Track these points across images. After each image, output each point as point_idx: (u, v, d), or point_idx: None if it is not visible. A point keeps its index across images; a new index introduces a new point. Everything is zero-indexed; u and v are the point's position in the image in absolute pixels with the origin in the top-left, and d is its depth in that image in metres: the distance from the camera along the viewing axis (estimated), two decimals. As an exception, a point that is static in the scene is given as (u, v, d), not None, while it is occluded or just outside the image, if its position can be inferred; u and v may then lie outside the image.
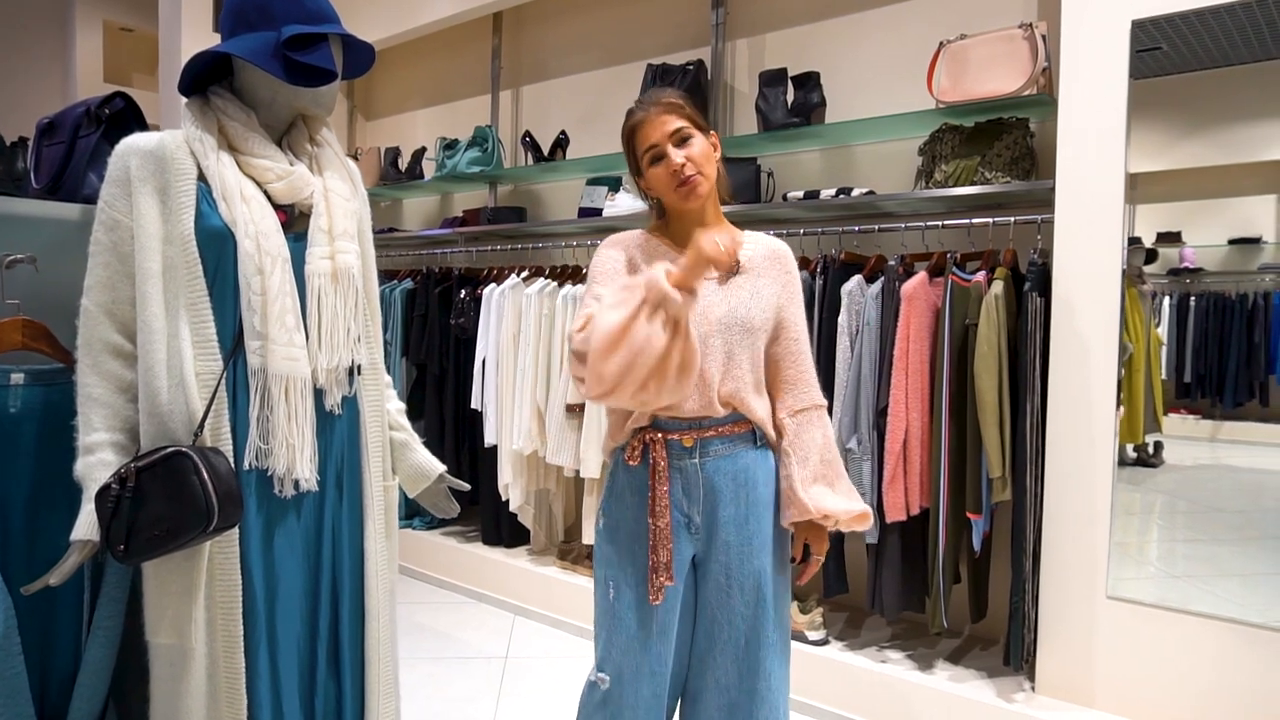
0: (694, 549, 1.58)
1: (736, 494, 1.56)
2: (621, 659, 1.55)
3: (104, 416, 1.36)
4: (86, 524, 1.32)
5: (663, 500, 1.52)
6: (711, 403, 1.53)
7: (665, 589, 1.53)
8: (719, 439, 1.55)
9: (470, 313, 3.75)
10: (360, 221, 1.57)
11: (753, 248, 1.63)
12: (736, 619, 1.55)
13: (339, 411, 1.49)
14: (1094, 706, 2.32)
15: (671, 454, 1.54)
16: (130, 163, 1.38)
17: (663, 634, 1.55)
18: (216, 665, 1.36)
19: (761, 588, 1.56)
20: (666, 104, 1.56)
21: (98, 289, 1.38)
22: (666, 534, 1.52)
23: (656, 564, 1.52)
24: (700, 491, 1.55)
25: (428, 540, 3.93)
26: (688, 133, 1.54)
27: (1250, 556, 2.54)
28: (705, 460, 1.54)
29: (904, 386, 2.49)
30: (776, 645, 1.58)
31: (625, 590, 1.56)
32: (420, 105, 4.78)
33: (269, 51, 1.38)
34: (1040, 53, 2.44)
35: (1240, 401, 2.70)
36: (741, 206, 3.05)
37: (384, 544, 1.57)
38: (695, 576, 1.60)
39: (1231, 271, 2.66)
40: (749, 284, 1.59)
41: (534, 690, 2.84)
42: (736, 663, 1.56)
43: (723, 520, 1.55)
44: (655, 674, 1.55)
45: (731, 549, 1.55)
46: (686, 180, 1.53)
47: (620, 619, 1.56)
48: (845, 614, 3.00)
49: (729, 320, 1.54)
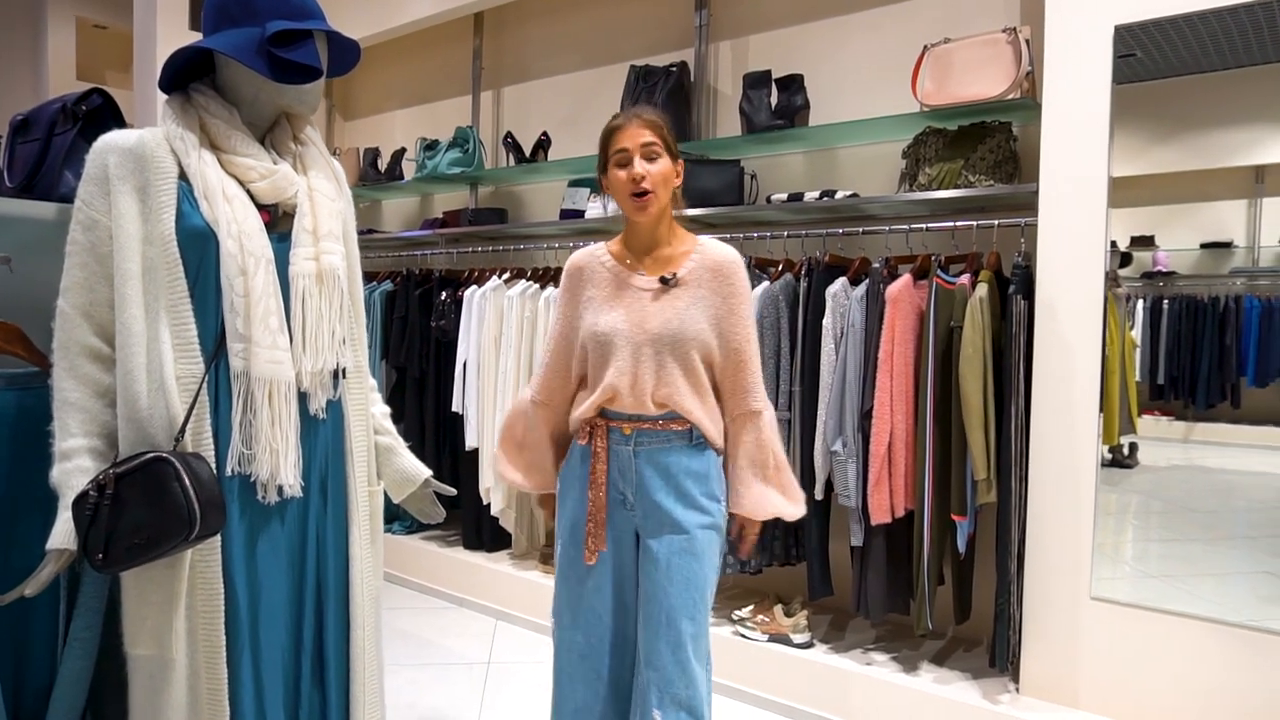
0: (633, 524, 1.76)
1: (666, 483, 1.72)
2: (562, 607, 1.81)
3: (81, 421, 1.32)
4: (63, 532, 1.28)
5: (600, 475, 1.74)
6: (645, 404, 1.70)
7: (600, 554, 1.75)
8: (653, 432, 1.72)
9: (451, 315, 3.72)
10: (345, 222, 1.54)
11: (696, 259, 1.75)
12: (663, 593, 1.70)
13: (323, 416, 1.46)
14: (1078, 707, 2.33)
15: (612, 439, 1.74)
16: (109, 160, 1.34)
17: (596, 591, 1.77)
18: (198, 677, 1.33)
19: (687, 571, 1.71)
20: (647, 120, 1.71)
21: (75, 290, 1.34)
22: (601, 503, 1.74)
23: (592, 531, 1.75)
24: (633, 475, 1.73)
25: (408, 545, 3.89)
26: (657, 151, 1.70)
27: (1223, 555, 2.57)
28: (639, 449, 1.73)
29: (889, 389, 2.49)
30: (694, 616, 1.72)
31: (569, 548, 1.80)
32: (400, 105, 4.74)
33: (253, 48, 1.35)
34: (1024, 57, 2.46)
35: (1212, 403, 2.73)
36: (724, 209, 3.04)
37: (369, 550, 1.54)
38: (636, 549, 1.78)
39: (1203, 275, 2.70)
40: (685, 296, 1.72)
41: (518, 696, 2.81)
42: (663, 631, 1.70)
43: (653, 505, 1.72)
44: (589, 626, 1.77)
45: (663, 530, 1.72)
46: (641, 194, 1.68)
47: (563, 573, 1.81)
48: (829, 616, 3.00)
49: (661, 332, 1.70)
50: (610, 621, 1.78)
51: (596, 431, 1.74)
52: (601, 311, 1.74)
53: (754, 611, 2.83)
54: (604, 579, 1.77)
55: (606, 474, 1.74)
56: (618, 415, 1.74)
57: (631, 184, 1.68)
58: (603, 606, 1.77)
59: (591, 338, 1.74)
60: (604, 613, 1.77)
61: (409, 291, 3.92)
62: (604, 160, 1.75)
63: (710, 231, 3.22)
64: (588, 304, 1.78)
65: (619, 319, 1.72)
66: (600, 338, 1.72)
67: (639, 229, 1.76)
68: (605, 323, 1.72)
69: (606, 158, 1.74)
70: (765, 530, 2.84)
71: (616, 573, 1.78)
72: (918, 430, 2.48)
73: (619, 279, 1.76)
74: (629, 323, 1.71)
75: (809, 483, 2.65)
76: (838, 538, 2.81)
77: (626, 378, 1.70)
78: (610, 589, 1.77)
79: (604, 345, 1.72)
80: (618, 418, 1.74)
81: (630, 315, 1.72)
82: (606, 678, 1.79)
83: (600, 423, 1.74)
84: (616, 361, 1.70)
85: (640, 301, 1.73)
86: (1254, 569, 2.51)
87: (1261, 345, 2.64)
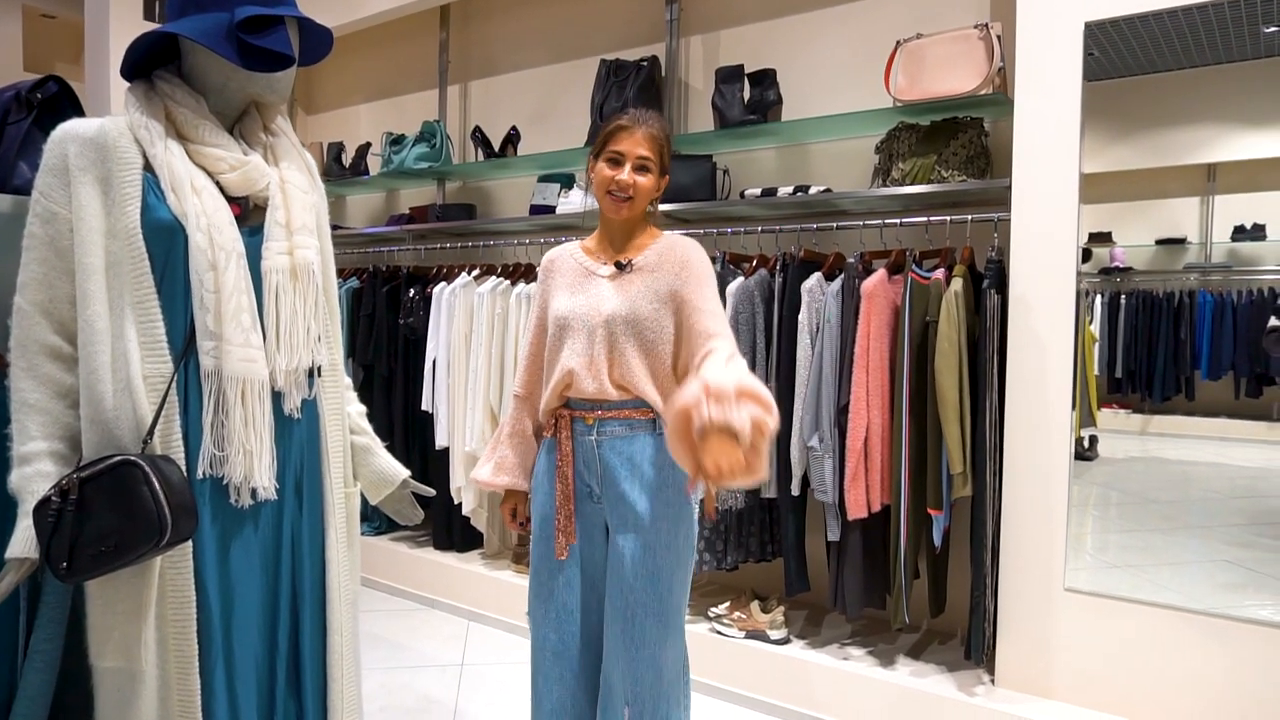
0: (602, 517, 1.76)
1: (631, 474, 1.71)
2: (534, 602, 1.80)
3: (41, 424, 1.26)
4: (23, 540, 1.22)
5: (566, 469, 1.74)
6: (604, 387, 1.71)
7: (570, 547, 1.74)
8: (616, 421, 1.72)
9: (420, 312, 3.66)
10: (319, 215, 1.49)
11: (656, 248, 1.78)
12: (628, 588, 1.69)
13: (298, 415, 1.41)
14: (1052, 697, 2.36)
15: (575, 429, 1.75)
16: (68, 150, 1.28)
17: (567, 586, 1.76)
18: (169, 688, 1.28)
19: (653, 565, 1.69)
20: (652, 135, 1.76)
21: (33, 286, 1.28)
22: (568, 495, 1.74)
23: (560, 524, 1.74)
24: (598, 465, 1.73)
25: (377, 546, 3.82)
26: (650, 166, 1.75)
27: (1181, 545, 2.62)
28: (602, 439, 1.73)
29: (865, 384, 2.49)
30: (660, 614, 1.69)
31: (539, 543, 1.79)
32: (365, 99, 4.65)
33: (221, 33, 1.30)
34: (996, 53, 2.47)
35: (1168, 396, 2.78)
36: (696, 204, 3.02)
37: (346, 553, 1.49)
38: (605, 542, 1.78)
39: (1159, 271, 2.75)
40: (640, 281, 1.75)
41: (492, 698, 2.77)
42: (624, 628, 1.69)
43: (619, 495, 1.71)
44: (560, 623, 1.76)
45: (628, 523, 1.71)
46: (621, 198, 1.73)
47: (535, 568, 1.81)
48: (806, 612, 3.00)
49: (615, 314, 1.71)
50: (581, 618, 1.77)
51: (561, 422, 1.75)
52: (564, 298, 1.78)
53: (730, 608, 2.82)
54: (574, 574, 1.77)
55: (573, 465, 1.74)
56: (580, 404, 1.74)
57: (615, 185, 1.73)
58: (574, 602, 1.77)
59: (553, 323, 1.77)
60: (575, 609, 1.77)
61: (376, 289, 3.84)
62: (599, 148, 1.78)
63: (683, 227, 3.21)
64: (555, 294, 1.82)
65: (578, 303, 1.76)
66: (559, 321, 1.76)
67: (611, 225, 1.81)
68: (563, 306, 1.76)
69: (602, 148, 1.77)
70: (741, 527, 2.84)
71: (587, 568, 1.77)
72: (894, 425, 2.49)
73: (584, 269, 1.81)
74: (587, 306, 1.74)
75: (785, 479, 2.65)
76: (814, 533, 2.81)
77: (582, 359, 1.71)
78: (580, 584, 1.77)
79: (561, 329, 1.75)
80: (580, 407, 1.75)
81: (589, 300, 1.75)
82: (581, 676, 1.77)
83: (564, 413, 1.75)
84: (573, 344, 1.73)
85: (598, 287, 1.76)
86: (1211, 558, 2.56)
87: (1214, 339, 2.70)
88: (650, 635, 1.68)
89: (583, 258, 1.83)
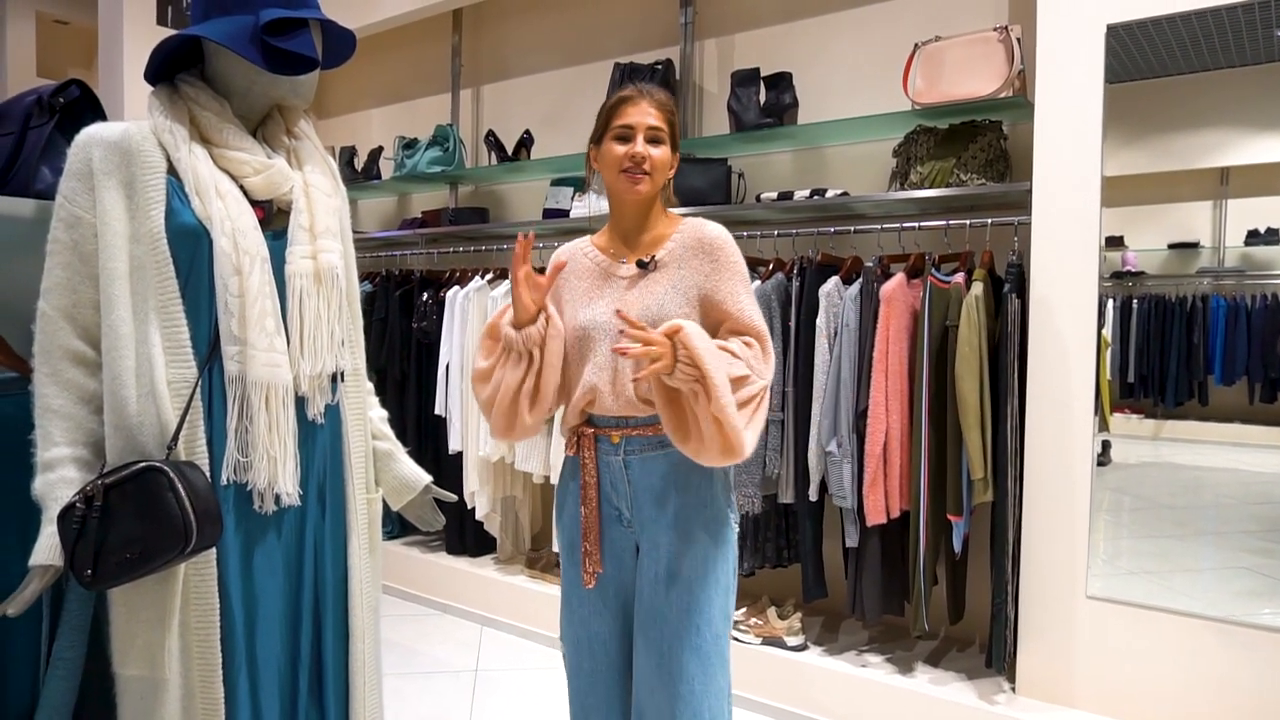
0: (633, 541, 1.61)
1: (665, 493, 1.56)
2: (566, 630, 1.69)
3: (65, 430, 1.25)
4: (47, 547, 1.21)
5: (590, 492, 1.58)
6: (632, 401, 1.54)
7: (598, 575, 1.60)
8: (644, 437, 1.56)
9: (433, 316, 3.65)
10: (342, 219, 1.48)
11: (678, 238, 1.60)
12: (661, 619, 1.54)
13: (321, 421, 1.40)
14: (1074, 706, 2.33)
15: (600, 449, 1.58)
16: (93, 154, 1.27)
17: (596, 615, 1.63)
18: (193, 697, 1.26)
19: (691, 590, 1.54)
20: (659, 101, 1.59)
21: (57, 291, 1.27)
22: (594, 522, 1.59)
23: (587, 550, 1.60)
24: (627, 487, 1.57)
25: (390, 550, 3.81)
26: (662, 136, 1.58)
27: (1196, 551, 2.60)
28: (630, 457, 1.56)
29: (884, 388, 2.47)
30: (698, 648, 1.53)
31: (569, 569, 1.67)
32: (377, 103, 4.65)
33: (246, 36, 1.29)
34: (1016, 55, 2.45)
35: (1181, 401, 2.76)
36: (712, 208, 3.01)
37: (368, 560, 1.48)
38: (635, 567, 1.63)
39: (1171, 275, 2.73)
40: (665, 279, 1.57)
41: (506, 704, 2.75)
42: (659, 662, 1.53)
43: (651, 518, 1.57)
44: (594, 651, 1.64)
45: (661, 547, 1.56)
46: (637, 174, 1.55)
47: (565, 594, 1.69)
48: (823, 618, 2.98)
49: (641, 319, 1.49)
50: (617, 645, 1.63)
51: (583, 442, 1.59)
52: (581, 305, 1.61)
53: (747, 614, 2.80)
54: (606, 602, 1.63)
55: (598, 488, 1.59)
56: (604, 421, 1.58)
57: (629, 161, 1.54)
58: (607, 631, 1.63)
59: (572, 333, 1.59)
60: (609, 638, 1.63)
61: (389, 292, 3.84)
62: (600, 131, 1.60)
63: (698, 231, 3.19)
64: (570, 298, 1.64)
65: (599, 310, 1.58)
66: (578, 332, 1.58)
67: (625, 212, 1.62)
68: (585, 316, 1.59)
69: (605, 129, 1.59)
70: (758, 532, 2.82)
71: (619, 595, 1.62)
72: (913, 430, 2.47)
73: (601, 269, 1.63)
74: (608, 313, 1.56)
75: (803, 484, 2.63)
76: (832, 539, 2.79)
77: (606, 373, 1.55)
78: (613, 613, 1.62)
79: (582, 341, 1.58)
80: (604, 424, 1.58)
81: (610, 305, 1.57)
82: (619, 706, 1.64)
83: (587, 431, 1.59)
84: (596, 357, 1.56)
85: (618, 290, 1.59)
86: (1226, 564, 2.54)
87: (1227, 344, 2.68)
88: (689, 670, 1.53)
89: (597, 256, 1.65)
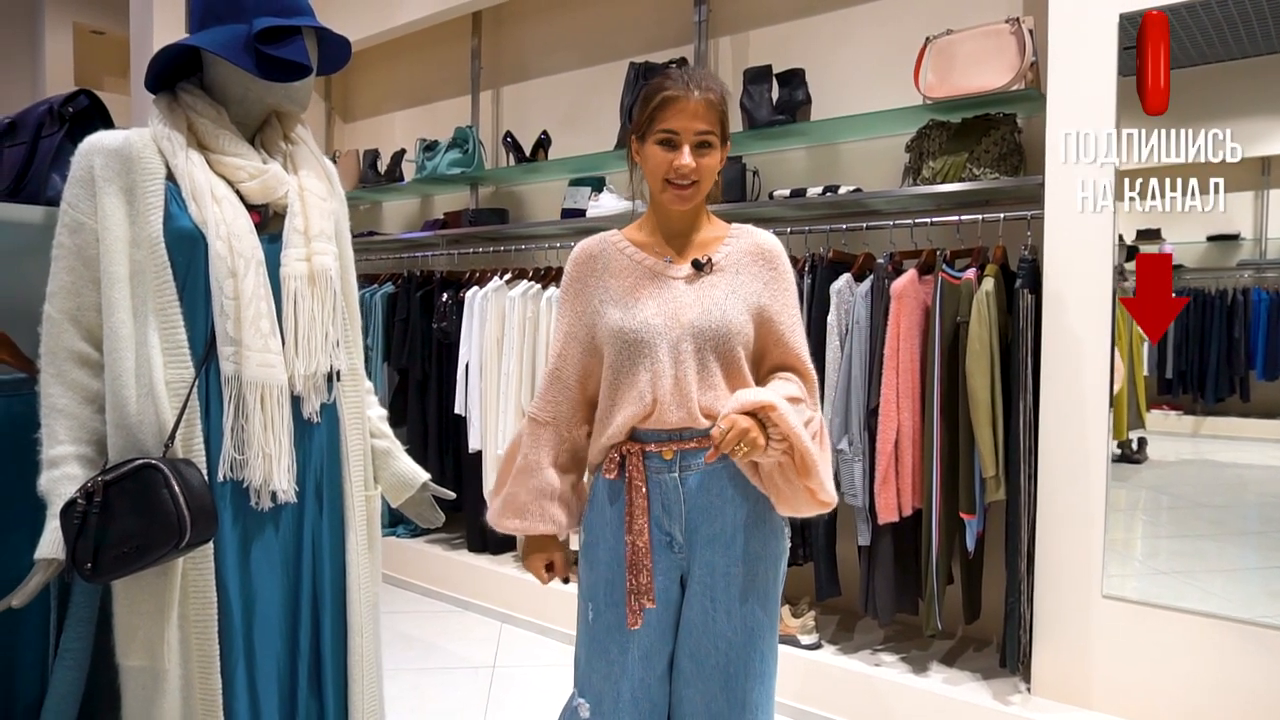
0: (680, 569, 1.46)
1: (722, 510, 1.44)
2: (602, 685, 1.46)
3: (69, 428, 1.30)
4: (51, 542, 1.25)
5: (640, 517, 1.42)
6: (693, 413, 1.42)
7: (646, 612, 1.42)
8: (702, 451, 1.42)
9: (453, 316, 3.69)
10: (338, 222, 1.51)
11: (734, 243, 1.51)
12: (722, 645, 1.43)
13: (317, 419, 1.43)
14: (1091, 707, 2.29)
15: (650, 468, 1.43)
16: (94, 162, 1.32)
17: (644, 660, 1.45)
18: (191, 687, 1.30)
19: (751, 612, 1.44)
20: (709, 101, 1.42)
21: (61, 295, 1.32)
22: (645, 553, 1.41)
23: (635, 585, 1.41)
24: (682, 507, 1.44)
25: (412, 548, 3.86)
26: (711, 141, 1.43)
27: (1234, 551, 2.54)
28: (686, 474, 1.43)
29: (895, 386, 2.45)
30: (763, 675, 1.46)
31: (604, 612, 1.46)
32: (399, 107, 4.72)
33: (240, 45, 1.32)
34: (1028, 47, 2.42)
35: (1221, 397, 2.71)
36: (727, 205, 3.00)
37: (366, 556, 1.51)
38: (681, 598, 1.48)
39: (1211, 268, 2.67)
40: (725, 282, 1.46)
41: (523, 700, 2.78)
42: (722, 692, 1.43)
43: (707, 538, 1.44)
44: (637, 702, 1.44)
45: (717, 570, 1.43)
46: (682, 187, 1.43)
47: (599, 643, 1.47)
48: (837, 617, 2.97)
49: (700, 324, 1.42)
50: (659, 690, 1.47)
51: (630, 460, 1.43)
52: (628, 306, 1.45)
53: (760, 613, 2.79)
54: (655, 643, 1.45)
55: (648, 511, 1.42)
56: (655, 436, 1.43)
57: (674, 173, 1.41)
58: (653, 677, 1.45)
59: (617, 338, 1.44)
60: (652, 684, 1.45)
61: (410, 293, 3.89)
62: (644, 127, 1.44)
63: (712, 229, 3.19)
64: (607, 298, 1.48)
65: (651, 313, 1.43)
66: (628, 336, 1.43)
67: (669, 215, 1.50)
68: (636, 319, 1.43)
69: (649, 127, 1.43)
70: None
71: (667, 632, 1.46)
72: (925, 427, 2.45)
73: (646, 268, 1.48)
74: (663, 316, 1.43)
75: (815, 482, 2.62)
76: (845, 537, 2.77)
77: (668, 381, 1.40)
78: (661, 655, 1.46)
79: (633, 346, 1.42)
80: (655, 439, 1.43)
81: (664, 307, 1.44)
82: None
83: (633, 448, 1.43)
84: (653, 364, 1.41)
85: (673, 291, 1.45)
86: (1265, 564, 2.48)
87: (1270, 338, 2.62)
88: (754, 699, 1.43)
89: (637, 254, 1.50)
